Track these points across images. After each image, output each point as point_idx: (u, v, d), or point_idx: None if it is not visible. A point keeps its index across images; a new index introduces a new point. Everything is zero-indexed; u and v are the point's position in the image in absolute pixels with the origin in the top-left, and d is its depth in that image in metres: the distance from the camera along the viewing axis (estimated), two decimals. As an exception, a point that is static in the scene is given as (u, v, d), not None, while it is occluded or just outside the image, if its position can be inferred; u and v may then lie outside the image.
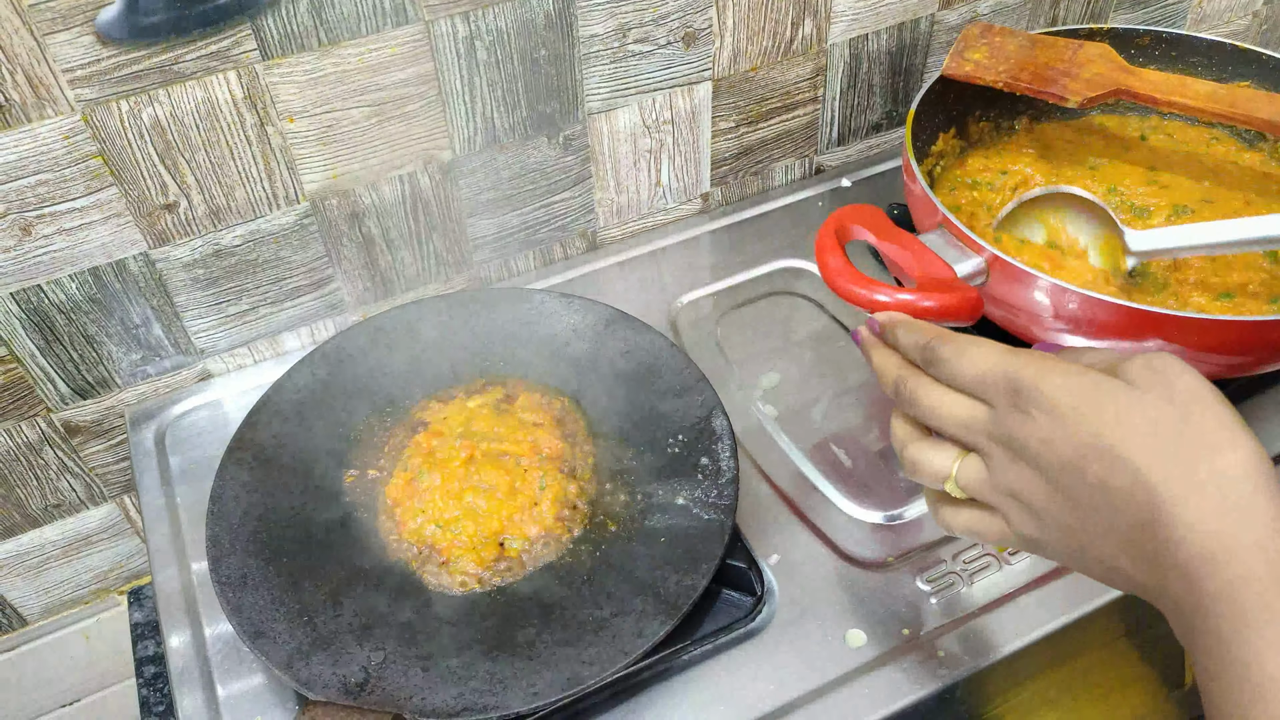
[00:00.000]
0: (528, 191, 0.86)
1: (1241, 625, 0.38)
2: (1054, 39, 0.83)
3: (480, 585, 0.64)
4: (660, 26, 0.81)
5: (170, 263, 0.75)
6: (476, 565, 0.65)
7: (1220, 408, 0.42)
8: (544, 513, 0.67)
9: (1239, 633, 0.38)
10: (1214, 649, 0.39)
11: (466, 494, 0.67)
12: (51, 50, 0.62)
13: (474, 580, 0.64)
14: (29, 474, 0.81)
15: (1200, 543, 0.39)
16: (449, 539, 0.65)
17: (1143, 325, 0.66)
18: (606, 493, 0.69)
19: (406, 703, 0.56)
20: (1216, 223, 0.68)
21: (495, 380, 0.77)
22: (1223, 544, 0.39)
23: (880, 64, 0.95)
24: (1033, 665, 0.64)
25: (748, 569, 0.65)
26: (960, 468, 0.49)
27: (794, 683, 0.61)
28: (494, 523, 0.66)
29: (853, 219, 0.69)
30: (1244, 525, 0.39)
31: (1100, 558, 0.45)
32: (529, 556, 0.66)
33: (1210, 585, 0.39)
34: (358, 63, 0.72)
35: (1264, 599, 0.38)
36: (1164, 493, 0.40)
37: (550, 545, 0.66)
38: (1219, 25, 1.14)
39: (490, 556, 0.65)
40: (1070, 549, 0.46)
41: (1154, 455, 0.41)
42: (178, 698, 0.63)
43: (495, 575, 0.65)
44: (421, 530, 0.66)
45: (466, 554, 0.65)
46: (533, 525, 0.66)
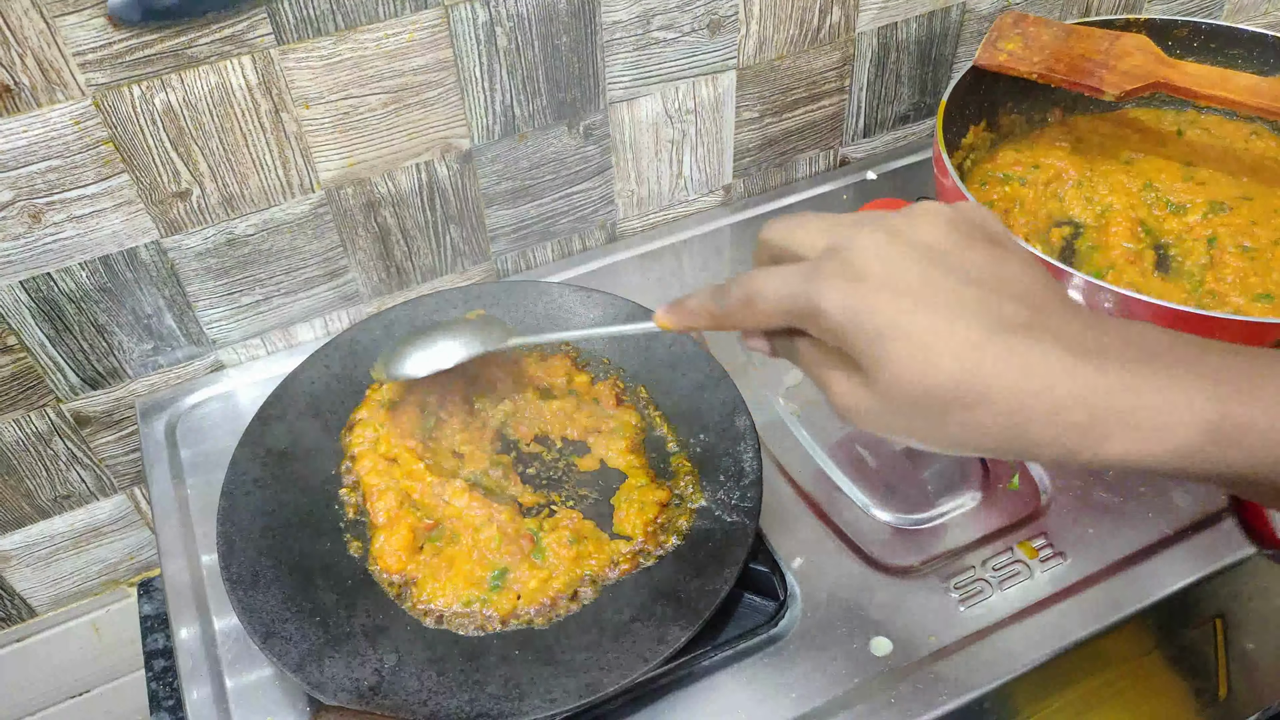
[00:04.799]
0: (547, 182, 0.84)
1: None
2: (1090, 29, 0.81)
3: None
4: (685, 13, 0.79)
5: (182, 252, 0.74)
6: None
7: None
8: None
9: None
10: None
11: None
12: (62, 33, 0.61)
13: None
14: (38, 465, 0.80)
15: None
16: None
17: (1182, 326, 0.64)
18: (626, 493, 0.68)
19: (420, 708, 0.55)
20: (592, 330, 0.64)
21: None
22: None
23: (909, 53, 0.93)
24: (1062, 676, 0.63)
25: (770, 573, 0.63)
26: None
27: (817, 691, 0.59)
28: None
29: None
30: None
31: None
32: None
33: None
34: (375, 48, 0.70)
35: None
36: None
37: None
38: (1256, 16, 1.11)
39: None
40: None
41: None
42: (186, 692, 0.62)
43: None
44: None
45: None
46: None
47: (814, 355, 0.42)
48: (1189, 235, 0.77)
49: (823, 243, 0.41)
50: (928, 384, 0.37)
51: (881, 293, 0.38)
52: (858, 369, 0.39)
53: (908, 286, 0.38)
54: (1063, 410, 0.37)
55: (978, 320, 0.37)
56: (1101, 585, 0.64)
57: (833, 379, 0.41)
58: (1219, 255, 0.75)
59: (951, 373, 0.37)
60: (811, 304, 0.39)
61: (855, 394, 0.40)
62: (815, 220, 0.43)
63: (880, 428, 0.40)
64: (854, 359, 0.39)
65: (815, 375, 0.42)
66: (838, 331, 0.39)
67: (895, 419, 0.39)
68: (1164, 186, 0.81)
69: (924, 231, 0.40)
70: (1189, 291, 0.74)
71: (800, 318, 0.41)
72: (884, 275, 0.38)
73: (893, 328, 0.38)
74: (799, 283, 0.40)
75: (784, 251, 0.43)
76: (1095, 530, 0.66)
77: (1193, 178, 0.81)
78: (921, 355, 0.37)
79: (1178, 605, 0.64)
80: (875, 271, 0.39)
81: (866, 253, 0.39)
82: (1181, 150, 0.85)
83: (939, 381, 0.37)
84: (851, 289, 0.39)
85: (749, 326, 0.44)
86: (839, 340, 0.39)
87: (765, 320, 0.43)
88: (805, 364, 0.43)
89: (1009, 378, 0.37)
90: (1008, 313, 0.38)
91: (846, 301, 0.39)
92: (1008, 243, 0.41)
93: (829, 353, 0.41)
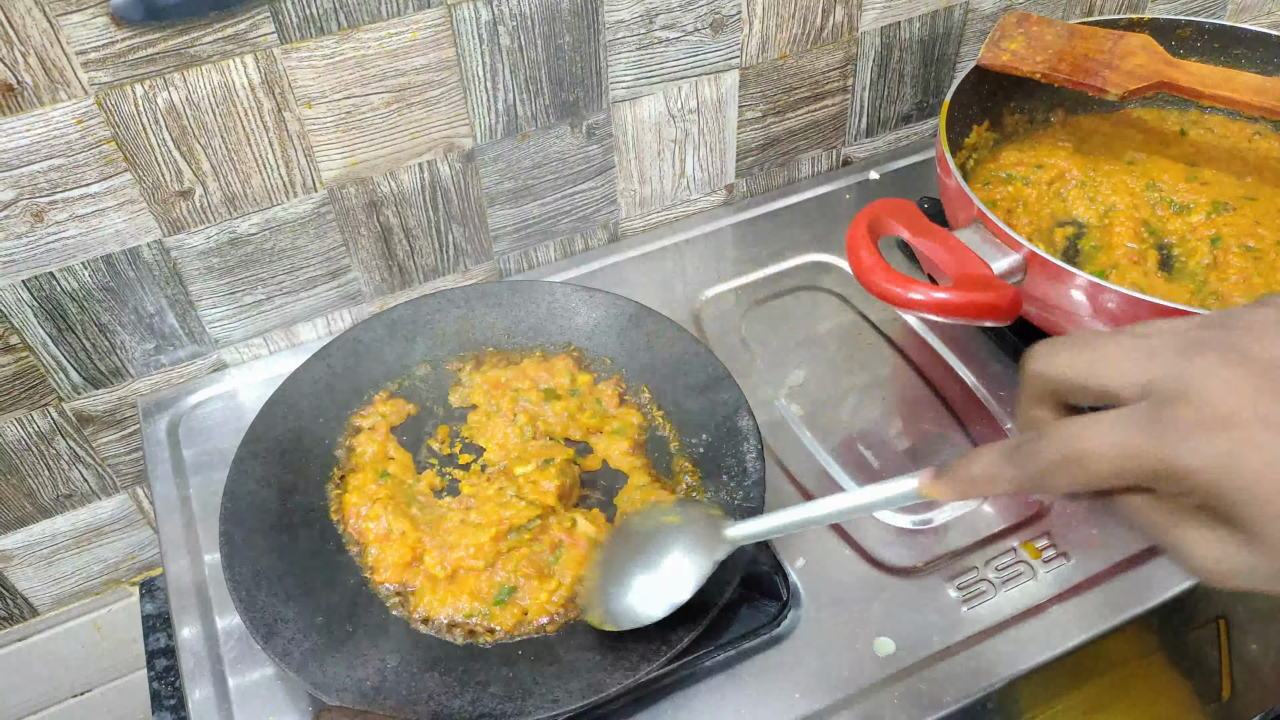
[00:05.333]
0: (549, 181, 0.84)
1: None
2: (1093, 29, 0.81)
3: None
4: (688, 12, 0.79)
5: (185, 251, 0.74)
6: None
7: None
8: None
9: None
10: None
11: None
12: (65, 32, 0.61)
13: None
14: (40, 464, 0.80)
15: None
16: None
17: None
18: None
19: (423, 708, 0.55)
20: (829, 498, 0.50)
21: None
22: None
23: (912, 53, 0.93)
24: (1066, 677, 0.63)
25: (773, 573, 0.63)
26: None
27: (820, 691, 0.59)
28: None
29: (886, 214, 0.67)
30: None
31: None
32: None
33: None
34: (378, 47, 0.70)
35: None
36: None
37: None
38: (1260, 15, 1.11)
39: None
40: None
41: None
42: (188, 691, 0.62)
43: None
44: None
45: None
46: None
47: (1162, 514, 0.36)
48: (1192, 235, 0.77)
49: (1142, 377, 0.35)
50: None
51: (1257, 437, 0.33)
52: (1227, 524, 0.34)
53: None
54: None
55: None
56: (1105, 586, 0.64)
57: (1195, 539, 0.35)
58: (1222, 255, 0.75)
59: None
60: (1171, 463, 0.34)
61: (1232, 554, 0.34)
62: (1113, 346, 0.37)
63: (1267, 587, 0.35)
64: (1227, 515, 0.34)
65: (1164, 535, 0.36)
66: (1208, 490, 0.33)
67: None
68: (1167, 186, 0.80)
69: (1267, 347, 0.34)
70: (1193, 292, 0.73)
71: (1149, 480, 0.35)
72: (1254, 414, 0.33)
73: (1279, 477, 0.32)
74: (1145, 439, 0.34)
75: (1076, 390, 0.38)
76: (1098, 531, 0.66)
77: (1196, 178, 0.81)
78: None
79: (1181, 606, 0.64)
80: (1242, 412, 0.33)
81: (1220, 389, 0.34)
82: (1185, 150, 0.85)
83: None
84: (1220, 439, 0.33)
85: (1070, 491, 0.37)
86: (1208, 499, 0.34)
87: (1095, 484, 0.36)
88: (1148, 523, 0.37)
89: None
90: None
91: (1218, 456, 0.33)
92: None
93: (1185, 510, 0.35)
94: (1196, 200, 0.79)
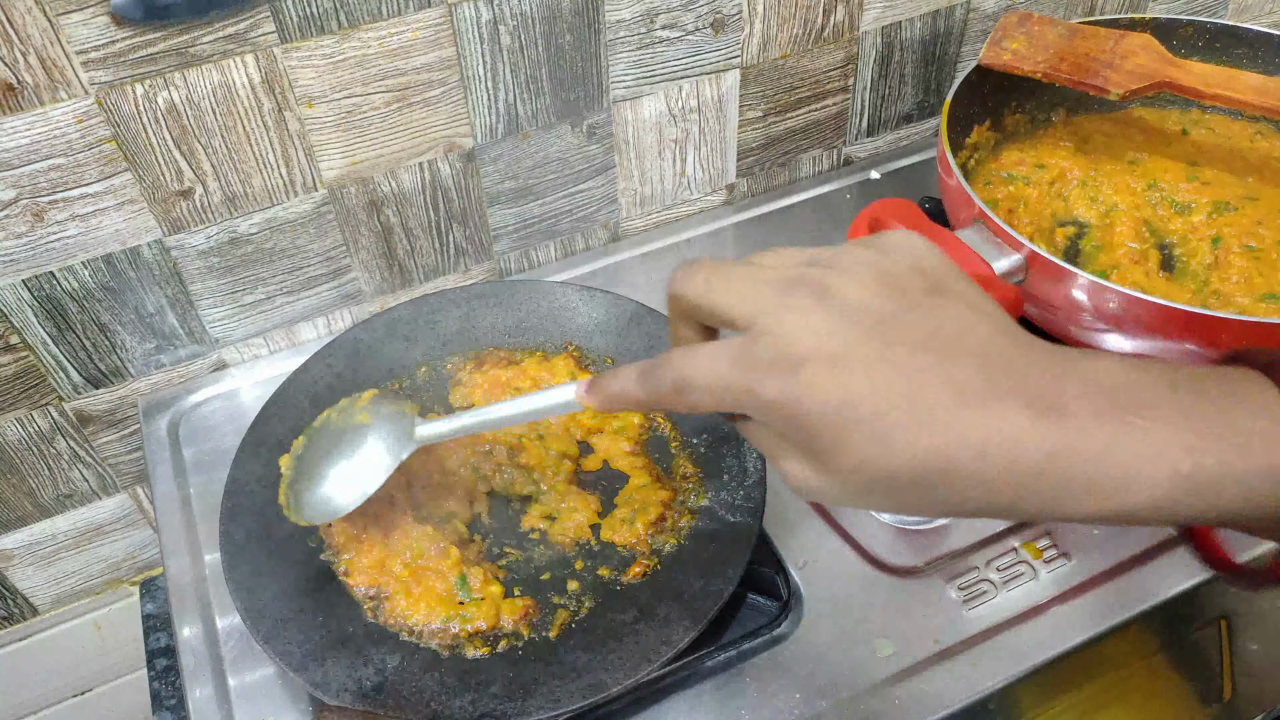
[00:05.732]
0: (550, 181, 0.84)
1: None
2: (1095, 29, 0.81)
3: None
4: (689, 12, 0.79)
5: (185, 250, 0.74)
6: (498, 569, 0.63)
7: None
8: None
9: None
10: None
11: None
12: (65, 31, 0.61)
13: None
14: (41, 463, 0.80)
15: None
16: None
17: (1186, 326, 0.63)
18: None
19: (423, 708, 0.55)
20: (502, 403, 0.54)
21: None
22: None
23: (913, 52, 0.93)
24: (1066, 678, 0.63)
25: (774, 573, 0.63)
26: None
27: (820, 692, 0.59)
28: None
29: (887, 213, 0.67)
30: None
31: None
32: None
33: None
34: (379, 47, 0.70)
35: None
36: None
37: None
38: (1261, 15, 1.11)
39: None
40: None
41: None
42: (189, 691, 0.62)
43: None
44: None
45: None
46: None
47: (761, 436, 0.39)
48: (1194, 235, 0.77)
49: (746, 310, 0.38)
50: (888, 468, 0.35)
51: (825, 377, 0.35)
52: (810, 453, 0.37)
53: (851, 366, 0.35)
54: (1030, 476, 0.35)
55: (932, 394, 0.35)
56: (1106, 586, 0.63)
57: (785, 461, 0.38)
58: (1224, 255, 0.75)
59: (911, 455, 0.35)
60: (751, 395, 0.37)
61: (812, 477, 0.37)
62: (734, 277, 0.39)
63: (844, 505, 0.38)
64: (800, 444, 0.37)
65: (766, 454, 0.40)
66: (784, 422, 0.37)
67: (858, 499, 0.37)
68: (1169, 186, 0.80)
69: (858, 292, 0.37)
70: (1194, 292, 0.73)
71: (740, 407, 0.38)
72: (825, 355, 0.36)
73: (842, 415, 0.35)
74: (733, 371, 0.37)
75: (700, 312, 0.40)
76: (1100, 530, 0.66)
77: (1198, 178, 0.81)
78: (878, 441, 0.35)
79: (1182, 606, 0.64)
80: (814, 352, 0.36)
81: (800, 329, 0.36)
82: (1186, 150, 0.84)
83: (899, 465, 0.35)
84: (793, 377, 0.36)
85: (682, 412, 0.41)
86: (786, 429, 0.37)
87: (700, 408, 0.39)
88: (753, 442, 0.40)
89: (971, 451, 0.35)
90: (962, 378, 0.35)
91: (790, 392, 0.36)
92: (947, 281, 0.38)
93: (777, 436, 0.38)
94: (1198, 200, 0.79)
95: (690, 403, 0.39)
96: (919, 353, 0.36)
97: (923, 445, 0.35)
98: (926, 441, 0.35)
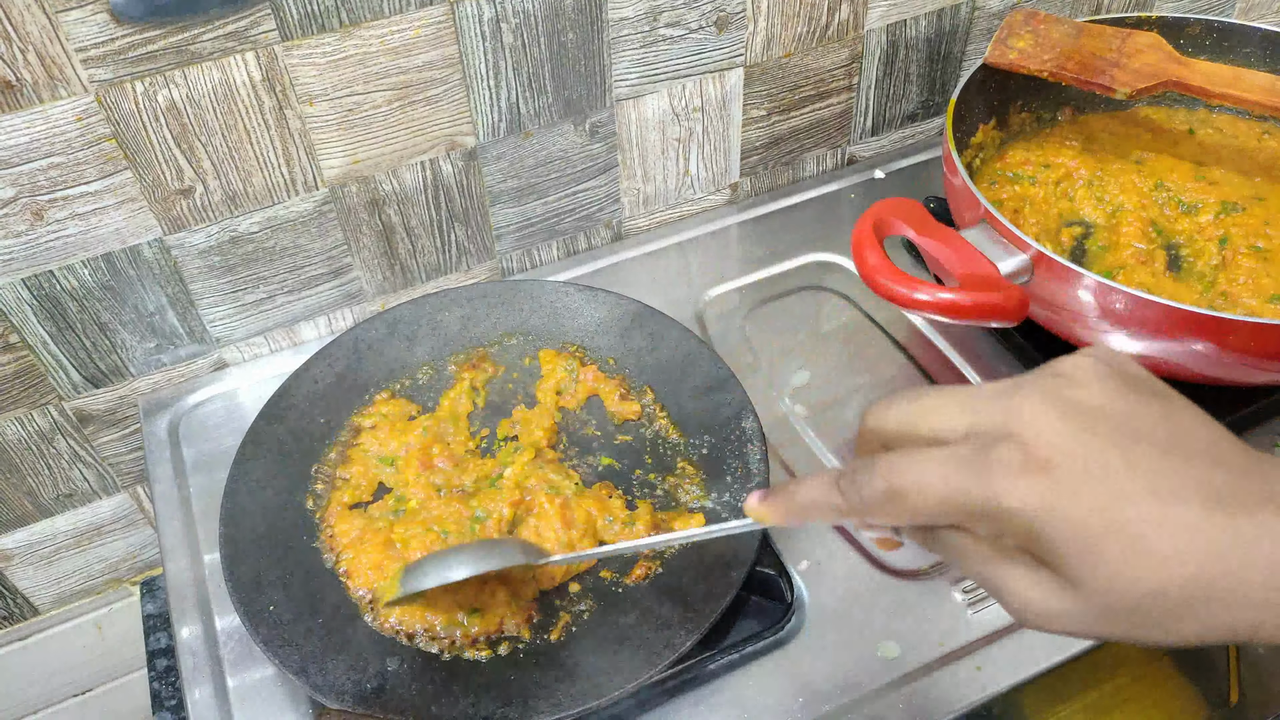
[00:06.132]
0: (552, 180, 0.84)
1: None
2: (1101, 27, 0.80)
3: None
4: (692, 10, 0.79)
5: (185, 249, 0.73)
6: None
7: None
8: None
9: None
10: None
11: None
12: (64, 28, 0.60)
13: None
14: (40, 463, 0.80)
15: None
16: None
17: (1191, 327, 0.63)
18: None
19: (423, 712, 0.54)
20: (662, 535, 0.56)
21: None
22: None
23: (918, 51, 0.92)
24: (1071, 682, 0.62)
25: (777, 576, 0.63)
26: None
27: (823, 695, 0.59)
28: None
29: (892, 213, 0.67)
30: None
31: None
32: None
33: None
34: (380, 45, 0.69)
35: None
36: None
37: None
38: (1269, 14, 1.10)
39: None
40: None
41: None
42: (188, 691, 0.62)
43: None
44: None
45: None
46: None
47: (982, 554, 0.36)
48: (1201, 236, 0.76)
49: (965, 421, 0.36)
50: (1153, 586, 0.32)
51: (1079, 483, 0.33)
52: (1046, 567, 0.34)
53: (1106, 470, 0.32)
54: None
55: (1192, 500, 0.32)
56: (1112, 589, 0.63)
57: (1013, 579, 0.35)
58: (1231, 256, 0.74)
59: (1179, 569, 0.32)
60: (990, 503, 0.34)
61: (1050, 598, 0.34)
62: (941, 397, 0.37)
63: (1085, 633, 0.34)
64: (1046, 559, 0.34)
65: (984, 574, 0.36)
66: (1027, 532, 0.33)
67: (1108, 624, 0.34)
68: (1175, 186, 0.80)
69: (1092, 394, 0.34)
70: (1201, 293, 0.73)
71: (970, 519, 0.35)
72: (1075, 459, 0.33)
73: (1102, 524, 0.32)
74: (967, 477, 0.34)
75: (910, 438, 0.37)
76: (1105, 534, 0.66)
77: (1204, 177, 0.80)
78: (1143, 554, 0.32)
79: (1189, 610, 0.64)
80: (1063, 456, 0.33)
81: (1042, 433, 0.33)
82: (1193, 150, 0.84)
83: (1166, 583, 0.32)
84: (1041, 483, 0.33)
85: (892, 523, 0.38)
86: (1027, 541, 0.34)
87: (918, 519, 0.36)
88: (968, 562, 0.37)
89: (1238, 565, 0.32)
90: (1217, 482, 0.32)
91: (1038, 499, 0.33)
92: (1165, 390, 0.36)
93: (1004, 550, 0.35)
94: (1205, 200, 0.78)
95: (909, 512, 0.36)
96: (1167, 455, 0.33)
97: (1191, 559, 0.32)
98: (1194, 555, 0.32)
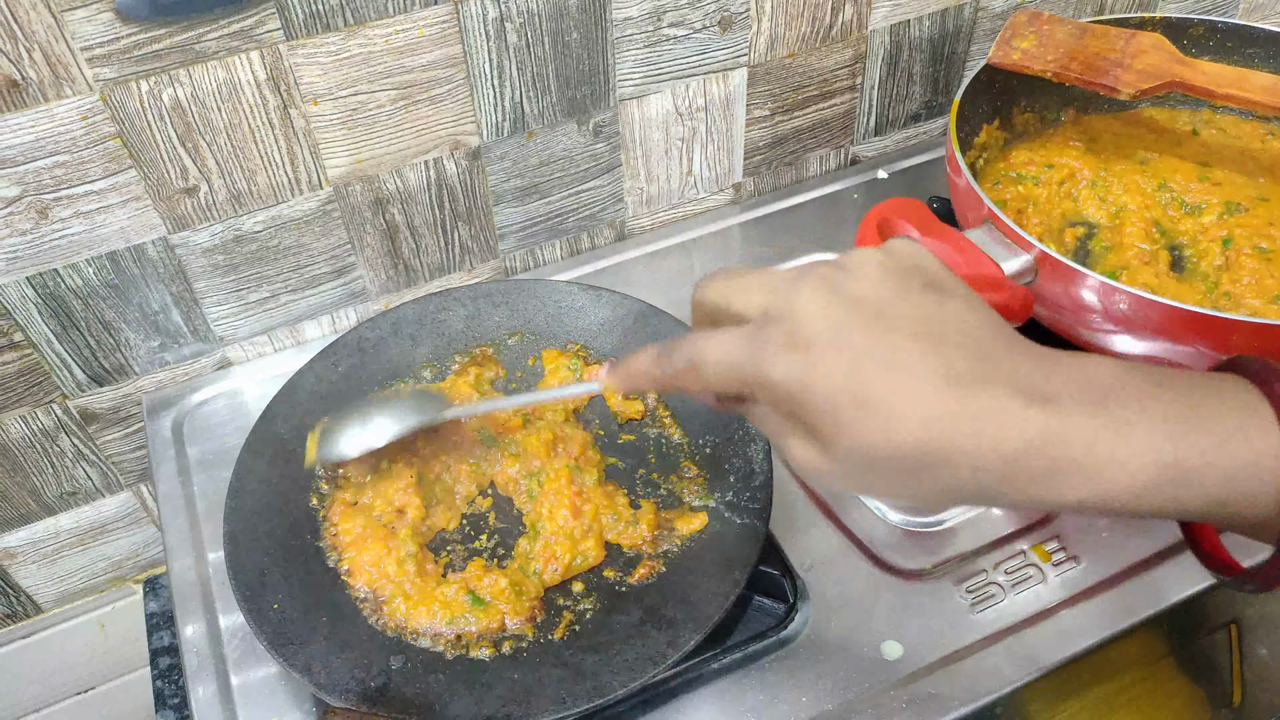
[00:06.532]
0: (556, 179, 0.84)
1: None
2: (1105, 28, 0.80)
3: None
4: (696, 10, 0.79)
5: (190, 248, 0.73)
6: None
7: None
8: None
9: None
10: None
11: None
12: (70, 27, 0.60)
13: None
14: (44, 461, 0.80)
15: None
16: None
17: (1195, 327, 0.63)
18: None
19: (427, 710, 0.54)
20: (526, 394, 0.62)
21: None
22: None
23: (921, 51, 0.92)
24: (1074, 682, 0.62)
25: (781, 575, 0.63)
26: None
27: (827, 695, 0.59)
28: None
29: (895, 213, 0.66)
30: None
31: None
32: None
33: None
34: (384, 44, 0.70)
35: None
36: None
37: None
38: (1272, 15, 1.10)
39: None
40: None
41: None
42: (191, 690, 0.62)
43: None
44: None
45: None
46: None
47: (767, 419, 0.41)
48: (1204, 236, 0.76)
49: (761, 302, 0.41)
50: (889, 449, 0.37)
51: (829, 359, 0.37)
52: (814, 433, 0.39)
53: (854, 349, 0.37)
54: (1020, 460, 0.37)
55: (930, 377, 0.37)
56: (1115, 590, 0.63)
57: (790, 443, 0.40)
58: (1235, 257, 0.74)
59: (910, 436, 0.37)
60: (759, 374, 0.39)
61: (815, 459, 0.39)
62: (751, 278, 0.42)
63: (845, 488, 0.40)
64: (807, 424, 0.38)
65: (771, 437, 0.41)
66: (789, 401, 0.38)
67: (859, 481, 0.39)
68: (1179, 187, 0.80)
69: (861, 285, 0.39)
70: (1204, 293, 0.73)
71: (748, 386, 0.40)
72: (829, 339, 0.38)
73: (845, 395, 0.37)
74: (744, 351, 0.40)
75: (721, 312, 0.43)
76: (1109, 534, 0.66)
77: (1208, 178, 0.80)
78: (879, 421, 0.37)
79: (1192, 611, 0.64)
80: (820, 336, 0.38)
81: (808, 316, 0.38)
82: (1197, 150, 0.84)
83: (899, 446, 0.37)
84: (798, 358, 0.38)
85: (695, 391, 0.43)
86: (791, 408, 0.39)
87: (712, 387, 0.42)
88: (759, 426, 0.42)
89: (966, 433, 0.37)
90: (958, 365, 0.37)
91: (795, 372, 0.38)
92: (946, 284, 0.41)
93: (783, 417, 0.40)
94: (1208, 201, 0.78)
95: (703, 381, 0.42)
96: (918, 339, 0.38)
97: (922, 428, 0.37)
98: (926, 424, 0.37)
